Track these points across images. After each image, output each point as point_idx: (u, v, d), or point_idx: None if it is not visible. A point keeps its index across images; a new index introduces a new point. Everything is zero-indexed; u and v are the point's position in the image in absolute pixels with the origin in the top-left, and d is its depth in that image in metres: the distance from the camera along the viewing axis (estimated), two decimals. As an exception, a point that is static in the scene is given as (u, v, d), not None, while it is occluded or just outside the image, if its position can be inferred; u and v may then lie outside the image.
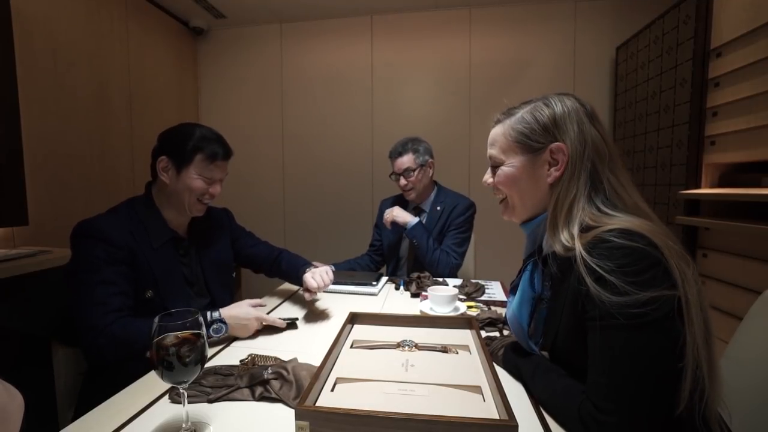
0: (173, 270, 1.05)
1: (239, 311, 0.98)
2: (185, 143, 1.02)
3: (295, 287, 1.48)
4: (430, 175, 1.76)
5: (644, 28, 2.17)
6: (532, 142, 0.70)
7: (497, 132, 0.76)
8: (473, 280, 1.48)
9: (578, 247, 0.60)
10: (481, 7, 2.78)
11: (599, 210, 0.64)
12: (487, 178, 0.79)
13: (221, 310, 0.97)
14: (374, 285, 1.43)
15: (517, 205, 0.75)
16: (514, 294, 0.80)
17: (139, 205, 1.05)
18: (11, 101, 1.70)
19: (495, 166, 0.76)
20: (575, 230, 0.63)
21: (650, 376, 0.53)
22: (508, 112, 0.75)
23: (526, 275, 0.76)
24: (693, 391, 0.53)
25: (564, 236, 0.64)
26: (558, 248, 0.64)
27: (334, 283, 1.43)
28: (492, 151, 0.76)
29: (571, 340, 0.64)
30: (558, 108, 0.69)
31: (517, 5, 2.74)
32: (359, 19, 2.94)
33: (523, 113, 0.72)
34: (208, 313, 0.95)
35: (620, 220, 0.60)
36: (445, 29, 2.84)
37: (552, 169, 0.69)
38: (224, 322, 0.95)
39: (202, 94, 3.22)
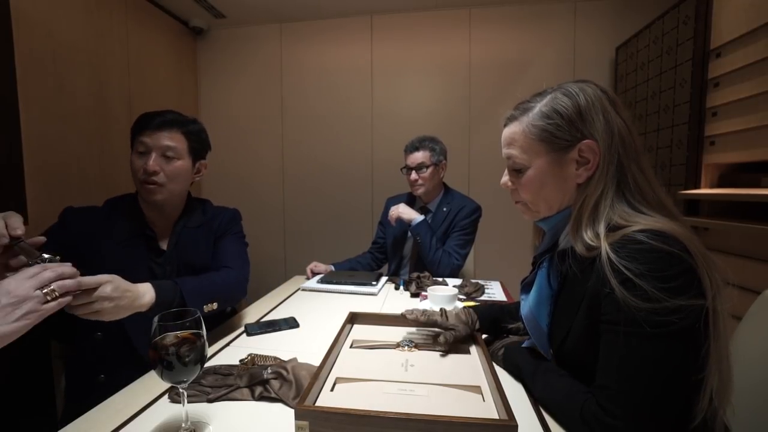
0: (137, 266, 0.99)
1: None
2: (132, 129, 1.02)
3: (294, 288, 1.48)
4: (441, 176, 1.77)
5: (644, 28, 2.17)
6: (558, 140, 0.64)
7: (514, 130, 0.68)
8: (473, 280, 1.48)
9: (604, 247, 0.56)
10: (481, 7, 2.78)
11: (631, 206, 0.59)
12: (506, 180, 0.73)
13: None
14: (374, 285, 1.43)
15: (542, 209, 0.70)
16: (527, 292, 0.75)
17: (125, 200, 1.06)
18: (11, 102, 1.70)
19: (515, 168, 0.70)
20: (601, 229, 0.58)
21: (665, 386, 0.51)
22: (523, 108, 0.68)
23: (542, 273, 0.71)
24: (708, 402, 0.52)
25: (588, 235, 0.59)
26: (579, 247, 0.60)
27: (334, 283, 1.44)
28: (511, 152, 0.69)
29: (583, 342, 0.61)
30: (581, 98, 0.63)
31: (517, 5, 2.74)
32: (359, 18, 2.94)
33: (541, 107, 0.65)
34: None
35: (653, 220, 0.56)
36: (445, 29, 2.84)
37: (581, 169, 0.63)
38: None
39: (201, 94, 3.22)
